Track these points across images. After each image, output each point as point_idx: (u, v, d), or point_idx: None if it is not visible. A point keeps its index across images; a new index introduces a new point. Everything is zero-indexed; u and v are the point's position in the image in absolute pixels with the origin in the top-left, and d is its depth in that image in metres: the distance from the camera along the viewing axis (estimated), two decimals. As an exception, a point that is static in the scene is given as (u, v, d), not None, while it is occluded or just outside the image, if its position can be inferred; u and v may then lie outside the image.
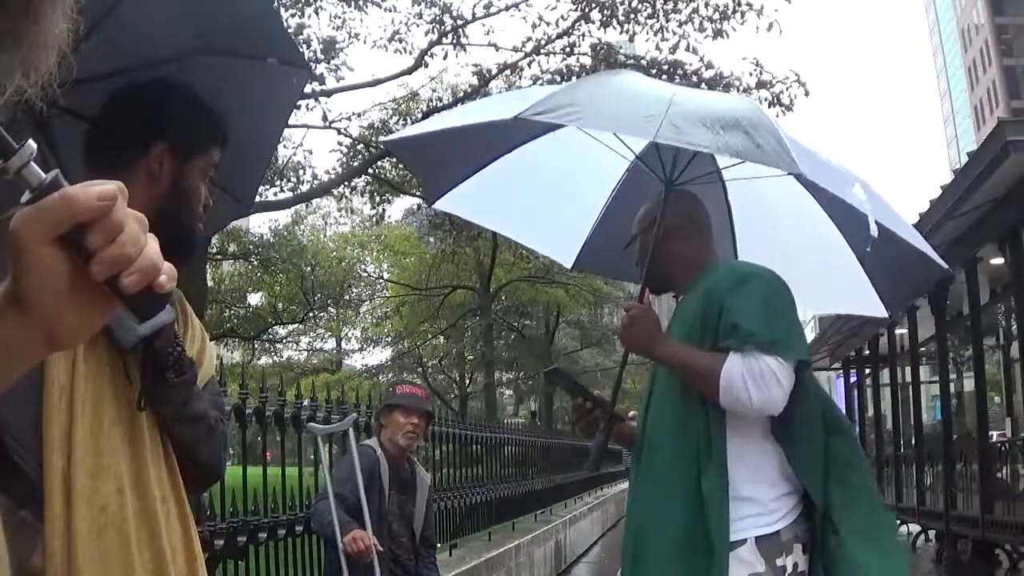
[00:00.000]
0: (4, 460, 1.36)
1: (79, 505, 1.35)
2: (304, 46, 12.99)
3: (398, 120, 17.09)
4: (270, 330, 29.21)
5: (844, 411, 2.93)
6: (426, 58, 14.11)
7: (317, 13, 13.93)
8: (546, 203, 3.27)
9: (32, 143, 0.68)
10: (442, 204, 3.18)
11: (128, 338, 1.46)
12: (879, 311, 3.05)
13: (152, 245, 0.70)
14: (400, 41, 14.37)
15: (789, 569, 2.38)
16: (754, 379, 2.35)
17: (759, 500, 2.40)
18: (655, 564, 2.44)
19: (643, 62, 13.24)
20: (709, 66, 12.98)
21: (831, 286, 3.21)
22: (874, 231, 2.30)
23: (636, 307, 2.60)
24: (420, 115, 15.66)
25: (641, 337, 2.55)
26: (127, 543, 1.39)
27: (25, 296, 0.67)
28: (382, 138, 12.30)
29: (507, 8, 13.74)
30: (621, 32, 13.20)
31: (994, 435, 11.62)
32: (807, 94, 12.82)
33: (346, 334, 36.12)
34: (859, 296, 3.03)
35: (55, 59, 0.71)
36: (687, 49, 12.80)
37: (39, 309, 0.68)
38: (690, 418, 2.46)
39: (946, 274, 2.91)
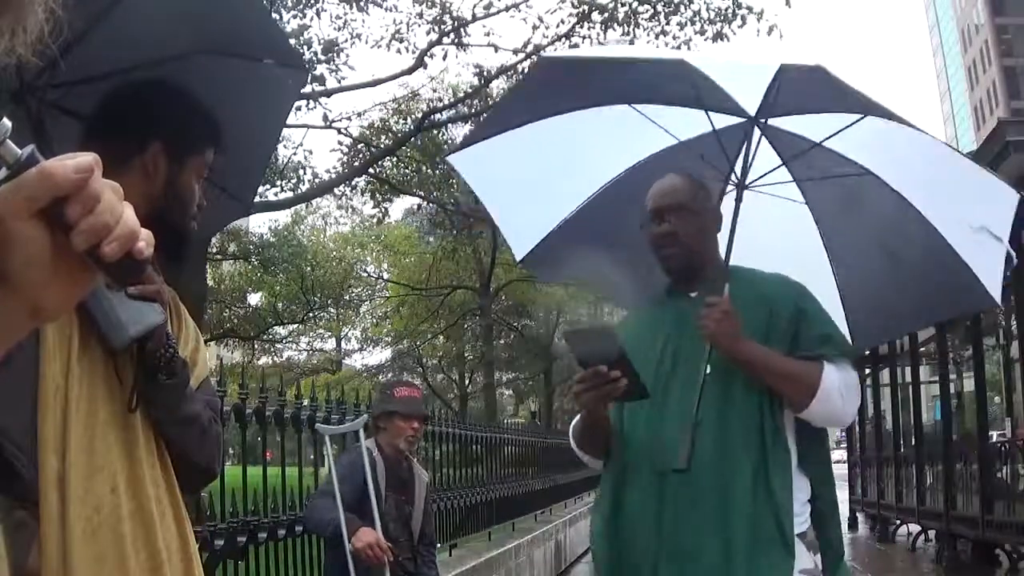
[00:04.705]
0: (0, 461, 1.36)
1: (74, 505, 1.35)
2: (305, 47, 13.00)
3: (398, 120, 17.10)
4: (270, 330, 29.22)
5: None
6: (426, 58, 14.11)
7: (319, 15, 13.94)
8: (538, 183, 3.04)
9: (7, 121, 0.69)
10: (453, 158, 3.12)
11: (119, 339, 1.46)
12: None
13: (128, 213, 0.71)
14: (401, 41, 14.38)
15: (820, 567, 2.38)
16: (848, 391, 2.35)
17: (795, 500, 2.37)
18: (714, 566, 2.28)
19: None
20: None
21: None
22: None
23: (722, 300, 2.37)
24: (420, 115, 15.66)
25: (732, 333, 2.34)
26: (122, 543, 1.40)
27: (8, 272, 0.69)
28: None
29: (507, 8, 13.75)
30: (622, 34, 13.20)
31: (994, 435, 11.62)
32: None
33: (346, 334, 36.19)
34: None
35: (43, 16, 0.72)
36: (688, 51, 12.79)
37: (23, 283, 0.69)
38: (752, 419, 2.35)
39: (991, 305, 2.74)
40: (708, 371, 2.34)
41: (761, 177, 2.66)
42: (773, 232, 2.82)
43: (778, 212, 2.81)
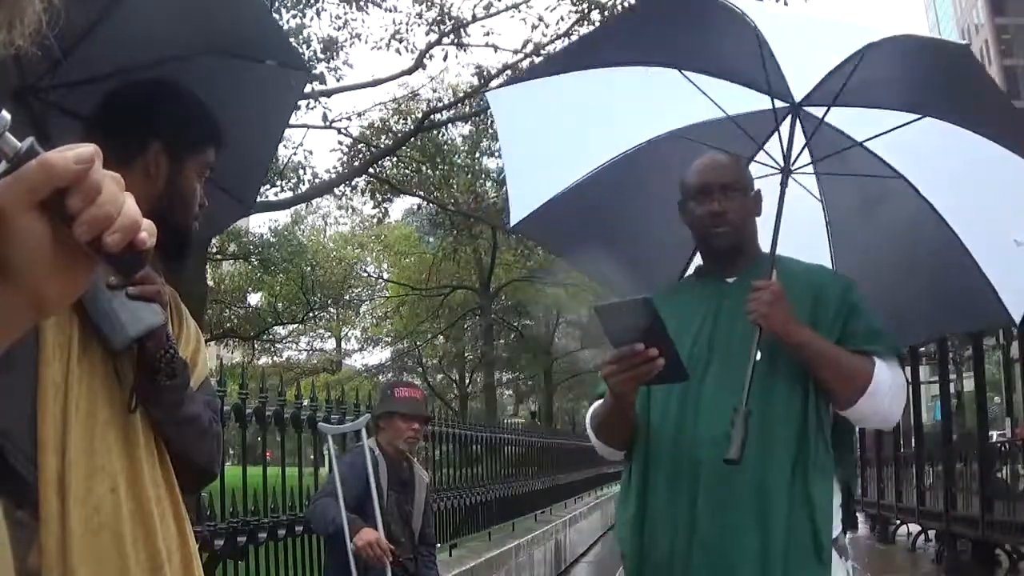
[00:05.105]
0: (0, 462, 1.36)
1: (74, 505, 1.35)
2: (304, 46, 13.01)
3: (398, 120, 17.10)
4: (270, 330, 29.23)
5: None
6: (426, 59, 14.13)
7: (319, 15, 13.95)
8: (556, 140, 2.80)
9: (6, 114, 0.69)
10: (490, 95, 3.08)
11: (119, 339, 1.45)
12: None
13: (130, 203, 0.71)
14: (400, 41, 14.39)
15: (852, 573, 2.31)
16: (896, 391, 2.26)
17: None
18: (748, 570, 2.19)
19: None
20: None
21: None
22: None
23: (772, 283, 2.25)
24: (420, 115, 15.66)
25: (785, 315, 2.21)
26: (122, 543, 1.40)
27: (10, 265, 0.68)
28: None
29: (507, 9, 13.76)
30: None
31: (994, 435, 11.61)
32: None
33: (346, 334, 36.22)
34: None
35: (40, 8, 0.71)
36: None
37: (25, 276, 0.69)
38: (795, 414, 2.23)
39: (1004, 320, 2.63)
40: (758, 356, 2.20)
41: (805, 166, 2.56)
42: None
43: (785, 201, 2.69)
